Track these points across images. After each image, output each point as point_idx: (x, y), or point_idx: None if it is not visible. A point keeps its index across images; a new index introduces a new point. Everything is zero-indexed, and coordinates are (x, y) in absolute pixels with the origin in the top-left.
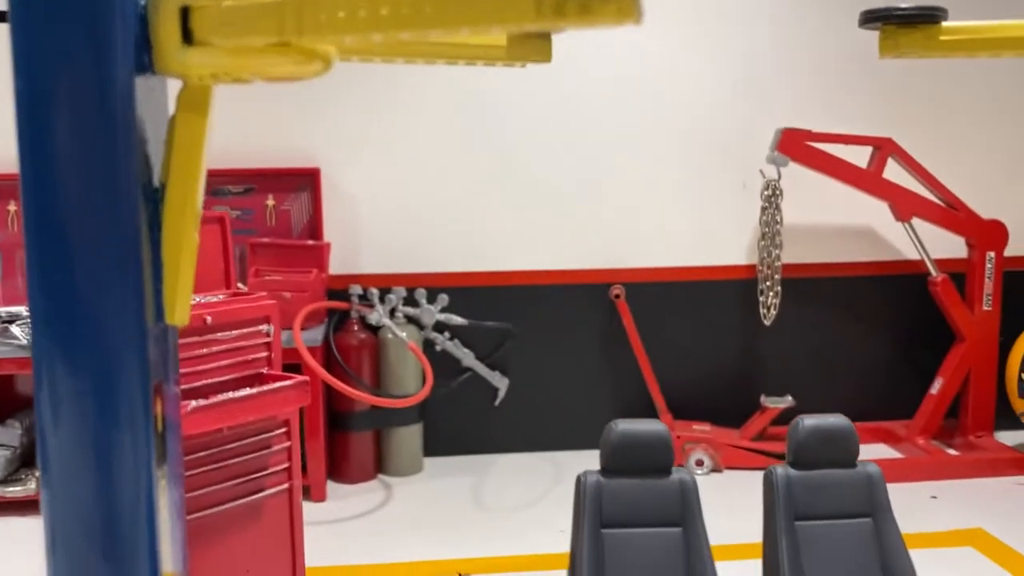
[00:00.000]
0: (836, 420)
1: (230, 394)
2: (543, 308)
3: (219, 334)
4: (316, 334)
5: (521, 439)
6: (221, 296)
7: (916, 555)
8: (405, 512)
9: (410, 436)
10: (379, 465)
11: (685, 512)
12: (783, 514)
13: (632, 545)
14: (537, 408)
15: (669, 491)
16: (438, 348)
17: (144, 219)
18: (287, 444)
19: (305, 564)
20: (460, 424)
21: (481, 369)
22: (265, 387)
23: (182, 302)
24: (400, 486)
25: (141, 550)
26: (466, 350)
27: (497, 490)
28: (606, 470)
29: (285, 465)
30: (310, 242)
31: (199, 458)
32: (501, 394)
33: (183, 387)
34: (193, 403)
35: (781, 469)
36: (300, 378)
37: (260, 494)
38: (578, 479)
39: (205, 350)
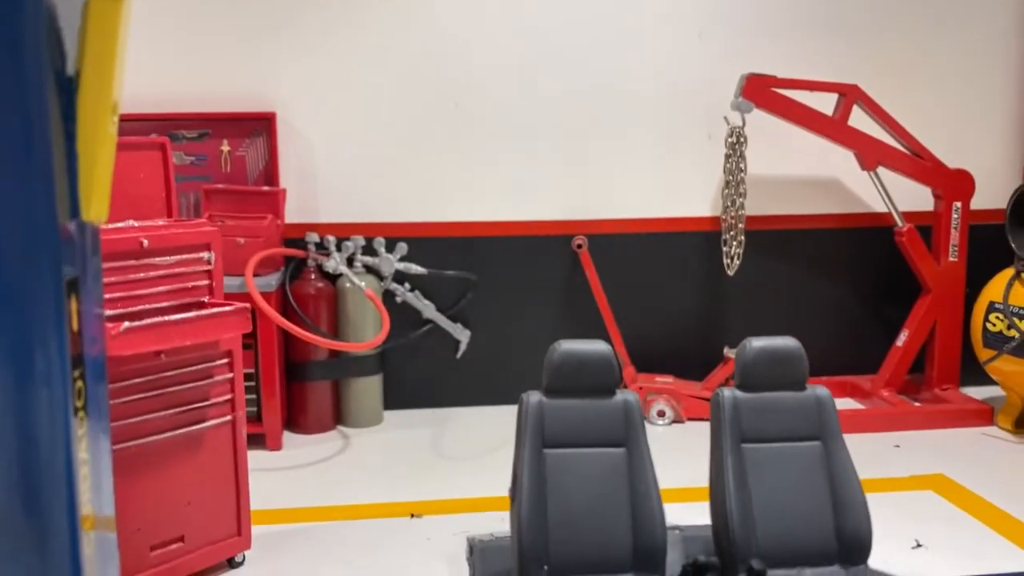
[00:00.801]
0: (785, 342)
1: (165, 317)
2: (505, 260)
3: (157, 259)
4: (271, 280)
5: (484, 392)
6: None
7: (876, 498)
8: (362, 460)
9: (369, 387)
10: (338, 417)
11: (629, 432)
12: (729, 436)
13: (574, 465)
14: (500, 361)
15: (612, 411)
16: (398, 299)
17: (56, 110)
18: (229, 375)
19: (250, 500)
20: (421, 377)
21: (442, 321)
22: (202, 311)
23: (99, 197)
24: (358, 436)
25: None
26: (427, 302)
27: (457, 440)
28: (549, 390)
29: (228, 396)
30: (265, 188)
31: (135, 384)
32: (463, 347)
33: (118, 311)
34: (126, 324)
35: (728, 391)
36: (240, 305)
37: (201, 425)
38: (521, 399)
39: (142, 275)
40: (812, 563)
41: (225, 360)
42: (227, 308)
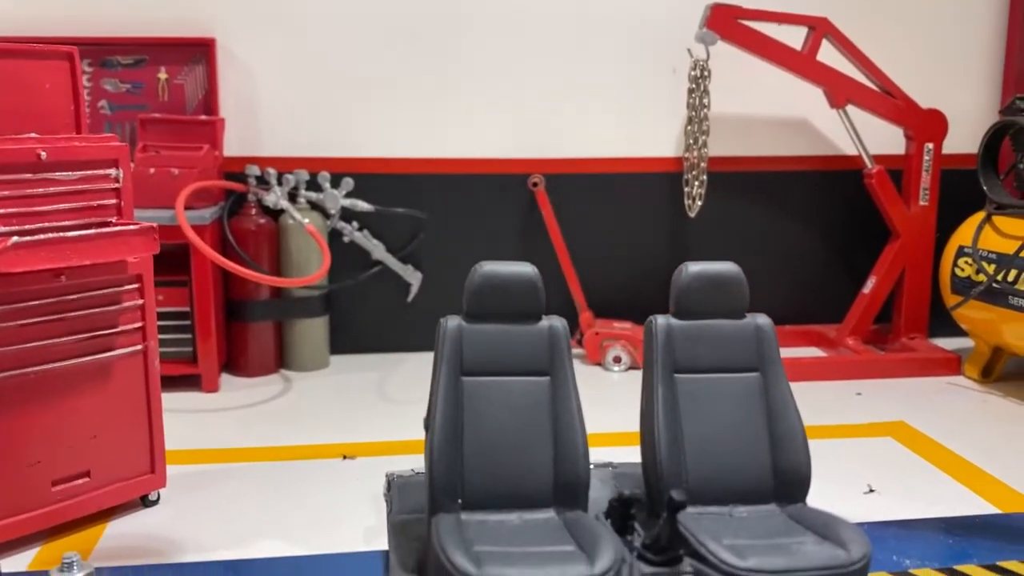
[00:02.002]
0: (723, 266)
1: (61, 234)
2: (458, 199)
3: (57, 174)
4: (204, 214)
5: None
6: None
7: (833, 444)
8: (301, 404)
9: (314, 329)
10: (281, 360)
11: (554, 360)
12: (661, 364)
13: (494, 394)
14: (453, 305)
15: (537, 338)
16: (346, 239)
17: None
18: (139, 302)
19: (164, 436)
20: (370, 321)
21: (392, 263)
22: (102, 230)
23: None
24: (301, 380)
25: None
26: (376, 241)
27: (403, 385)
28: (469, 315)
29: (138, 324)
30: (202, 117)
31: (33, 307)
32: (414, 290)
33: (13, 228)
34: (15, 238)
35: (662, 318)
36: (145, 224)
37: (108, 354)
38: (439, 323)
39: (40, 190)
40: (746, 501)
41: (135, 285)
42: (130, 227)
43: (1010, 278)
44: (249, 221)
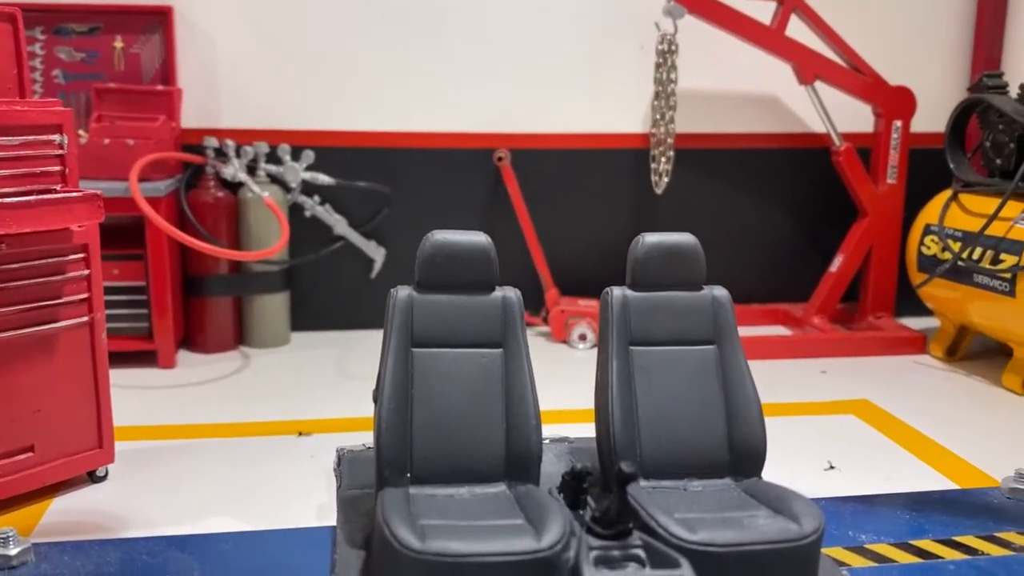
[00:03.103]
0: (681, 237)
1: None
2: (422, 173)
3: None
4: (159, 185)
5: None
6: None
7: (795, 421)
8: (259, 380)
9: (274, 305)
10: (240, 336)
11: (507, 332)
12: (616, 337)
13: (445, 366)
14: None
15: (490, 309)
16: (307, 213)
17: None
18: (85, 272)
19: (112, 411)
20: (333, 297)
21: (355, 238)
22: (45, 196)
23: None
24: (260, 357)
25: None
26: (338, 216)
27: (364, 362)
28: (420, 284)
29: (83, 295)
30: (159, 87)
31: None
32: (377, 266)
33: None
34: None
35: (618, 289)
36: (90, 192)
37: (51, 325)
38: (389, 293)
39: None
40: (701, 475)
41: (80, 255)
42: (74, 194)
43: (975, 256)
44: (207, 194)
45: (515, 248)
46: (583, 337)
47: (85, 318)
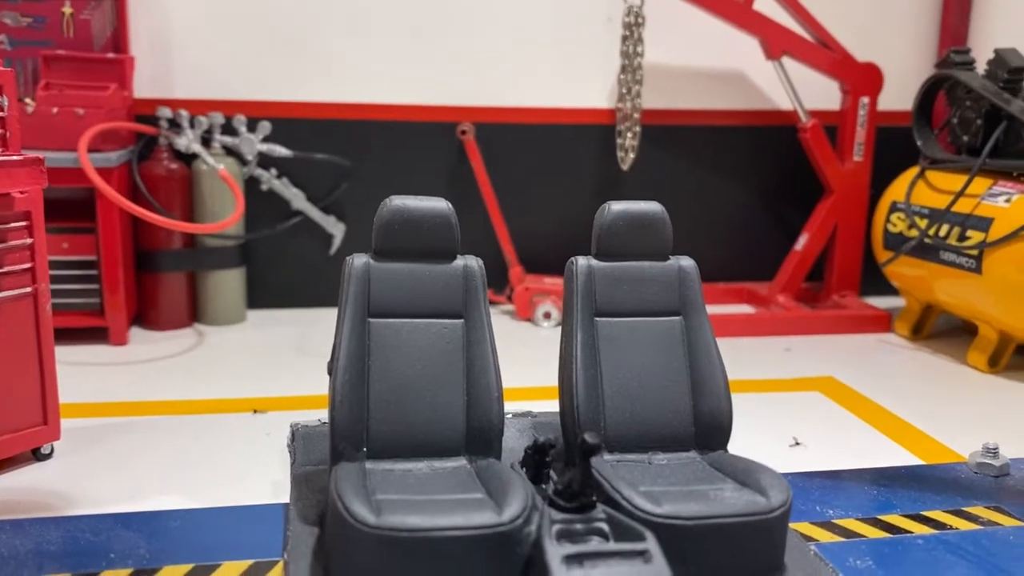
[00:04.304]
0: (647, 206)
1: None
2: (384, 147)
3: None
4: (110, 156)
5: None
6: None
7: (760, 399)
8: (213, 358)
9: (229, 281)
10: (195, 313)
11: (468, 302)
12: (581, 307)
13: (403, 337)
14: None
15: (451, 278)
16: (264, 187)
17: None
18: (28, 241)
19: (57, 386)
20: (290, 274)
21: (314, 213)
22: None
23: None
24: (215, 334)
25: None
26: (296, 190)
27: (323, 340)
28: (378, 252)
29: (26, 265)
30: (110, 55)
31: None
32: (337, 242)
33: None
34: None
35: (583, 259)
36: (31, 156)
37: None
38: (345, 261)
39: None
40: (666, 448)
41: (22, 223)
42: (14, 158)
43: (942, 233)
44: (160, 166)
45: (479, 225)
46: (548, 315)
47: (28, 289)
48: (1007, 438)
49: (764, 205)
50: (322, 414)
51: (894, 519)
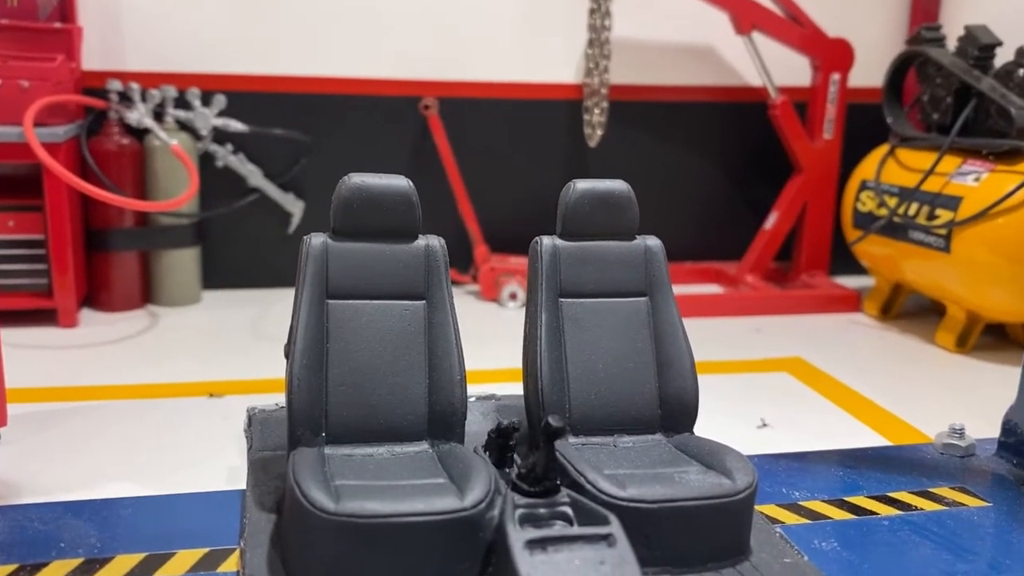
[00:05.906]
0: (613, 185)
1: None
2: (345, 122)
3: None
4: (57, 131)
5: None
6: None
7: (728, 379)
8: (167, 340)
9: (183, 261)
10: (148, 294)
11: (431, 283)
12: (545, 288)
13: (363, 319)
14: None
15: (413, 259)
16: (219, 163)
17: None
18: None
19: (3, 370)
20: (247, 254)
21: (271, 190)
22: None
23: None
24: (169, 316)
25: None
26: (253, 166)
27: (281, 322)
28: (336, 231)
29: None
30: (56, 25)
31: None
32: (295, 220)
33: None
34: None
35: (548, 239)
36: None
37: None
38: (302, 241)
39: None
40: (631, 431)
41: None
42: None
43: (911, 212)
44: (110, 141)
45: (443, 203)
46: (513, 296)
47: None
48: (974, 419)
49: (733, 183)
50: (280, 398)
51: (860, 500)
